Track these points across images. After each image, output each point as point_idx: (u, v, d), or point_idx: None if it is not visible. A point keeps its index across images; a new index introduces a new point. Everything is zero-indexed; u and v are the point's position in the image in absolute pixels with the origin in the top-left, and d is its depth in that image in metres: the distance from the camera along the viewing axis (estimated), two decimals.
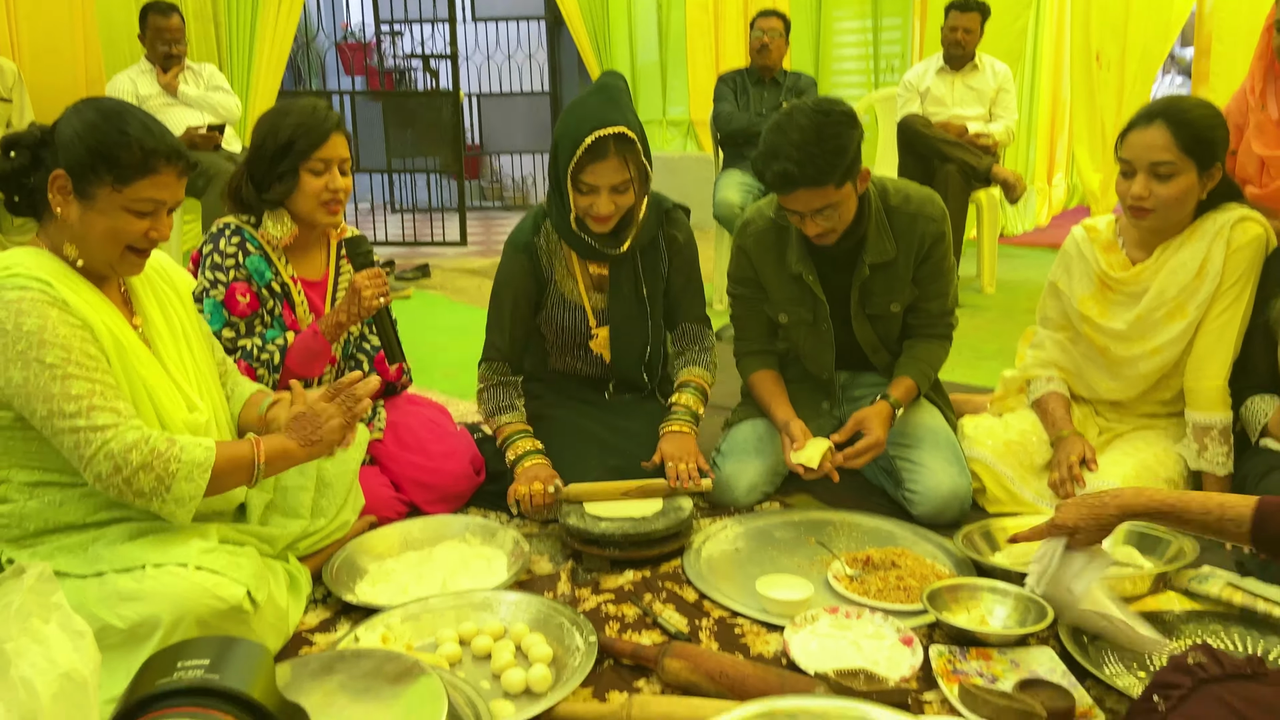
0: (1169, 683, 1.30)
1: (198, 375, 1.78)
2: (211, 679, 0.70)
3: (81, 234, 1.59)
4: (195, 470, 1.58)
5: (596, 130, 2.03)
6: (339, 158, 2.14)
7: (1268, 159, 2.49)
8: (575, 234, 2.21)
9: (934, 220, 2.23)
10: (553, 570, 2.05)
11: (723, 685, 1.55)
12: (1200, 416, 2.18)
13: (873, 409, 2.21)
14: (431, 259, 6.05)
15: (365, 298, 2.08)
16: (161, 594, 1.53)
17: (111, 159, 1.55)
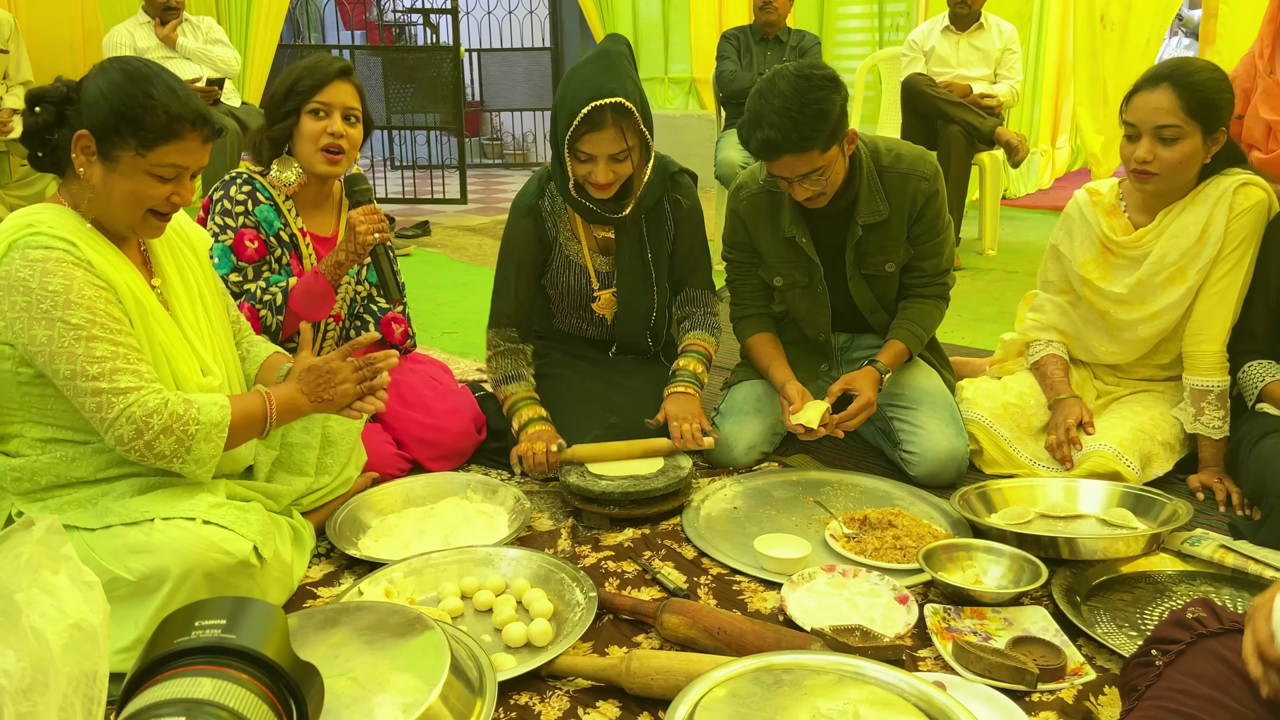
0: (1167, 638, 1.31)
1: (213, 338, 1.79)
2: (228, 638, 0.72)
3: (103, 195, 1.58)
4: (213, 430, 1.60)
5: (593, 100, 2.01)
6: (343, 105, 2.14)
7: (1274, 124, 2.48)
8: (577, 199, 2.20)
9: (926, 179, 2.22)
10: (553, 527, 2.07)
11: (720, 641, 1.58)
12: (1198, 381, 2.19)
13: (861, 372, 2.23)
14: (431, 217, 6.03)
15: (360, 233, 2.08)
16: (169, 547, 1.54)
17: (136, 122, 1.54)
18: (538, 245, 2.30)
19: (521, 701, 1.49)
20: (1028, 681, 1.47)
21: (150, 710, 0.68)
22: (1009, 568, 1.80)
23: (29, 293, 1.51)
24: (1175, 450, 2.22)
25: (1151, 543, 1.81)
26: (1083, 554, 1.78)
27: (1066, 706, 1.45)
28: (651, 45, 8.09)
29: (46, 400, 1.60)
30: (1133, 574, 1.82)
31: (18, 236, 1.53)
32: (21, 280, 1.51)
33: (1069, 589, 1.74)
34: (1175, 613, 1.32)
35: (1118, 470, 2.10)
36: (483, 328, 3.63)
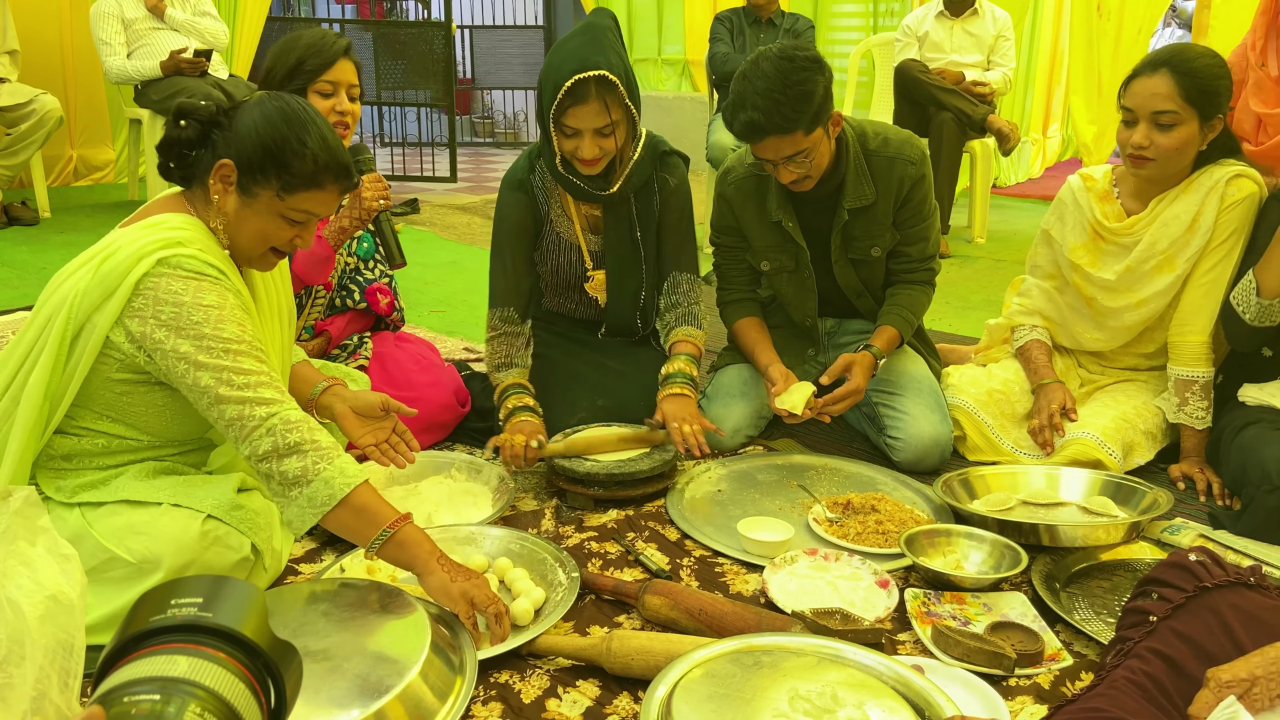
0: (1167, 581, 1.28)
1: (282, 358, 1.78)
2: (204, 617, 0.71)
3: (233, 225, 1.57)
4: (338, 480, 1.49)
5: (576, 73, 1.99)
6: (347, 82, 2.16)
7: (1265, 117, 2.47)
8: (565, 175, 2.18)
9: (913, 163, 2.21)
10: (537, 507, 2.07)
11: (701, 622, 1.59)
12: (1182, 371, 2.20)
13: (858, 356, 2.21)
14: (421, 194, 6.00)
15: (366, 199, 2.09)
16: (170, 535, 1.53)
17: (284, 165, 1.52)
18: (530, 219, 2.27)
19: (502, 680, 1.49)
20: (1005, 666, 1.48)
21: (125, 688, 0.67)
22: (990, 553, 1.81)
23: (179, 305, 1.49)
24: (1157, 440, 2.24)
25: (1131, 531, 1.81)
26: (1063, 541, 1.79)
27: (1043, 691, 1.46)
28: (645, 26, 8.04)
29: (124, 398, 1.58)
30: (1112, 561, 1.84)
31: (168, 253, 1.50)
32: (173, 294, 1.49)
33: (1048, 575, 1.75)
34: (1178, 553, 1.29)
35: (1099, 458, 2.11)
36: (471, 306, 3.66)
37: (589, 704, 1.44)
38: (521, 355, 2.28)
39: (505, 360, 2.26)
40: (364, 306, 2.35)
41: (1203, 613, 1.20)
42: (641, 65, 8.19)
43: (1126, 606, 1.30)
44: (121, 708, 0.63)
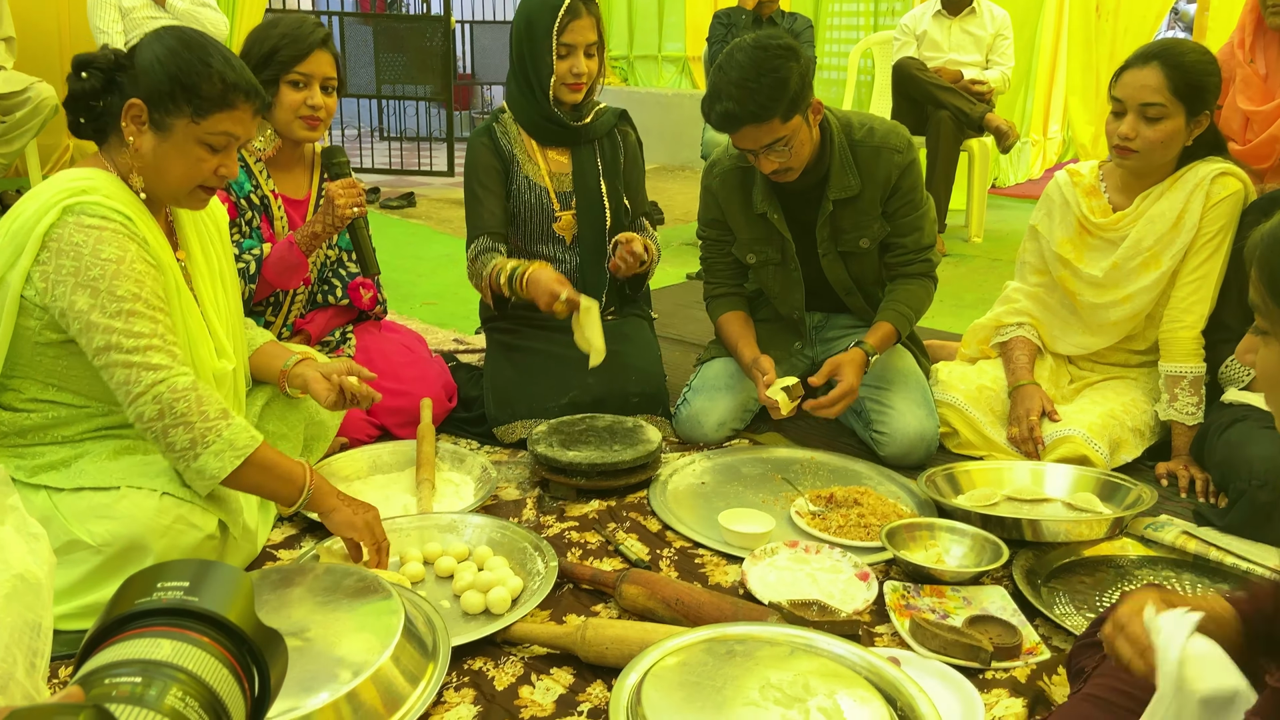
0: None
1: (229, 319, 1.76)
2: (190, 601, 0.70)
3: (153, 166, 1.56)
4: (228, 451, 1.53)
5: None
6: (322, 75, 2.12)
7: (1252, 114, 2.47)
8: (543, 119, 2.38)
9: (899, 151, 2.21)
10: (520, 497, 2.06)
11: (678, 612, 1.58)
12: (1173, 367, 2.19)
13: (847, 355, 2.18)
14: (418, 188, 5.99)
15: (339, 206, 2.06)
16: (134, 516, 1.53)
17: (192, 89, 1.52)
18: (495, 157, 2.42)
19: (476, 666, 1.48)
20: (982, 659, 1.48)
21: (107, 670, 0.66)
22: (971, 548, 1.80)
23: (79, 258, 1.48)
24: (1145, 437, 2.23)
25: (1114, 527, 1.81)
26: (1045, 536, 1.79)
27: (1019, 685, 1.45)
28: (646, 23, 8.04)
29: (59, 362, 1.57)
30: (1095, 558, 1.83)
31: (72, 201, 1.49)
32: (74, 245, 1.48)
33: (1030, 570, 1.75)
34: (1125, 595, 1.32)
35: (1086, 455, 2.10)
36: (462, 300, 3.66)
37: (562, 691, 1.44)
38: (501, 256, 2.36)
39: (490, 263, 2.34)
40: (346, 302, 2.33)
41: None
42: (642, 62, 8.19)
43: (1078, 644, 1.30)
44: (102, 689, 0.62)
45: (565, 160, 2.45)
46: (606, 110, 2.49)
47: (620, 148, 2.51)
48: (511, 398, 2.33)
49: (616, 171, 2.49)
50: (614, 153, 2.50)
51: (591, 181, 2.45)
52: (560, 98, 2.36)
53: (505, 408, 2.32)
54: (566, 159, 2.45)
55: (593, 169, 2.46)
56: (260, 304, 2.20)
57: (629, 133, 2.54)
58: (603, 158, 2.48)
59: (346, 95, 7.06)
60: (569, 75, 2.31)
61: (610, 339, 2.40)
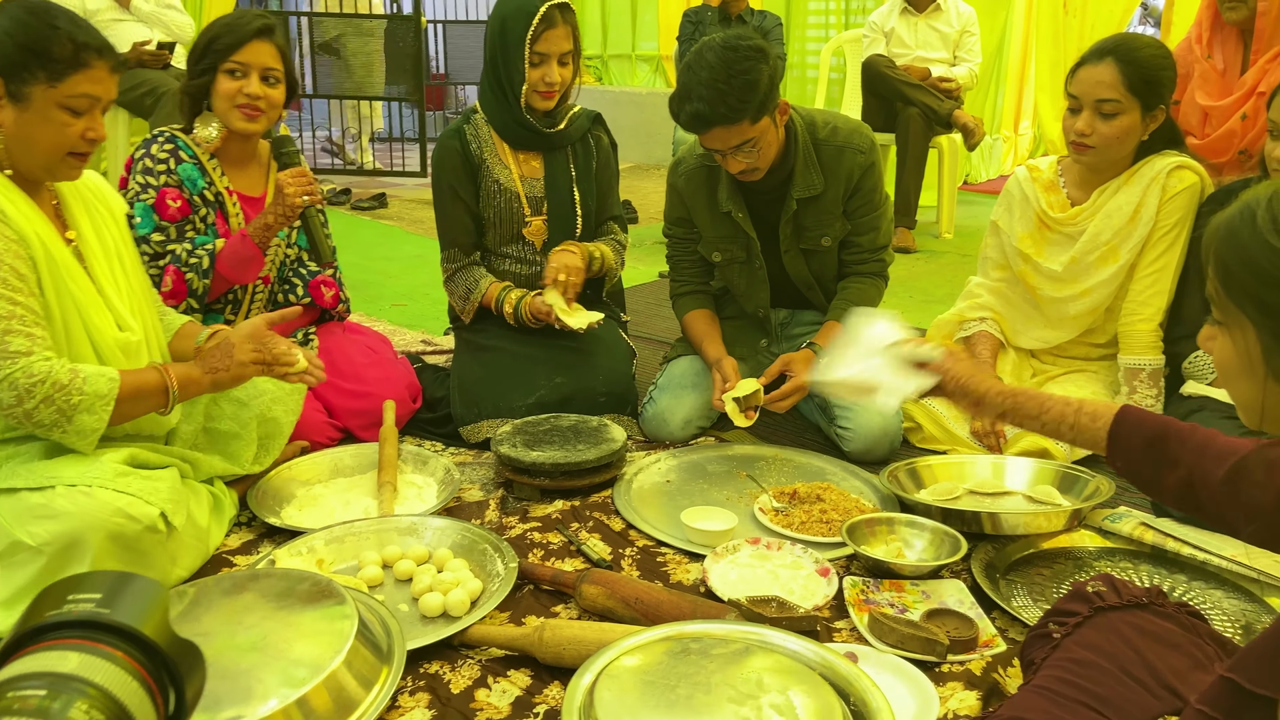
0: (1067, 610, 1.33)
1: (130, 293, 1.75)
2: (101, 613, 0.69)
3: (17, 138, 1.55)
4: (98, 402, 1.54)
5: (548, 1, 2.23)
6: (261, 65, 2.10)
7: (1210, 109, 2.49)
8: (516, 123, 2.34)
9: (862, 151, 2.22)
10: (483, 498, 2.05)
11: (637, 611, 1.57)
12: (1131, 360, 2.21)
13: (799, 354, 2.22)
14: (390, 189, 5.96)
15: (289, 195, 2.05)
16: (72, 513, 1.51)
17: (44, 54, 1.51)
18: (464, 164, 2.40)
19: (432, 670, 1.48)
20: (938, 653, 1.48)
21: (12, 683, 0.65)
22: (931, 541, 1.81)
23: None
24: None
25: (1073, 519, 1.82)
26: (1005, 529, 1.80)
27: (975, 678, 1.45)
28: (620, 22, 8.03)
29: None
30: (1054, 550, 1.84)
31: None
32: None
33: (989, 564, 1.75)
34: (1077, 586, 1.33)
35: (1047, 448, 2.12)
36: (433, 300, 3.64)
37: (519, 694, 1.43)
38: (483, 274, 2.42)
39: (472, 285, 2.40)
40: (308, 301, 2.31)
41: (1104, 631, 1.22)
42: (616, 61, 8.18)
43: (1030, 636, 1.32)
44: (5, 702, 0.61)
45: (538, 164, 2.43)
46: (580, 114, 2.47)
47: (593, 152, 2.48)
48: (478, 397, 2.32)
49: (589, 177, 2.47)
50: (587, 158, 2.47)
51: (564, 188, 2.43)
52: (532, 104, 2.33)
53: (471, 407, 2.31)
54: (539, 163, 2.43)
55: (565, 175, 2.44)
56: (219, 302, 2.18)
57: (602, 137, 2.52)
58: (576, 163, 2.45)
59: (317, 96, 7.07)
60: (541, 84, 2.29)
61: (578, 338, 2.41)
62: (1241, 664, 0.93)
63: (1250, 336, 0.93)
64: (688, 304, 2.43)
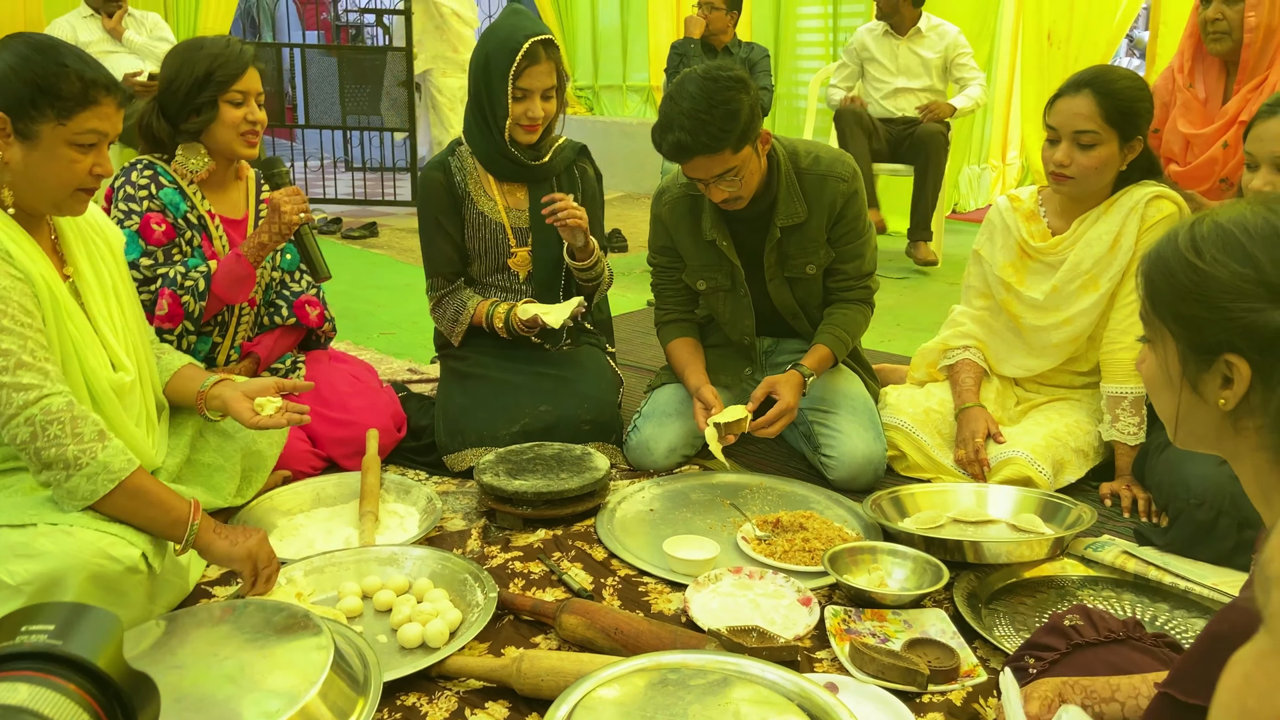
0: (1043, 644, 1.33)
1: (126, 332, 1.74)
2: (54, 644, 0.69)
3: (25, 175, 1.54)
4: (101, 473, 1.51)
5: (531, 37, 2.24)
6: (255, 90, 2.15)
7: (1191, 137, 2.51)
8: (500, 155, 2.36)
9: (844, 180, 2.24)
10: (465, 527, 2.05)
11: (617, 641, 1.57)
12: (1113, 388, 2.21)
13: (784, 376, 2.22)
14: (381, 218, 5.98)
15: (286, 213, 2.07)
16: (53, 552, 1.49)
17: (53, 91, 1.51)
18: (448, 196, 2.41)
19: (409, 702, 1.46)
20: (918, 683, 1.47)
21: None
22: (913, 570, 1.80)
23: None
24: (1089, 458, 2.24)
25: (1055, 547, 1.82)
26: (987, 558, 1.79)
27: (954, 708, 1.45)
28: (610, 52, 8.09)
29: None
30: (1037, 579, 1.84)
31: None
32: None
33: (971, 593, 1.75)
34: (1054, 618, 1.33)
35: (1030, 476, 2.12)
36: (420, 329, 3.65)
37: None
38: (469, 295, 2.44)
39: (459, 308, 2.42)
40: (293, 321, 2.32)
41: (1077, 667, 1.22)
42: (607, 92, 8.24)
43: (1007, 666, 1.32)
44: None
45: (522, 196, 2.44)
46: (565, 146, 2.48)
47: (578, 184, 2.49)
48: (462, 425, 2.32)
49: None
50: (572, 189, 2.47)
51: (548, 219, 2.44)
52: (515, 137, 2.35)
53: (456, 436, 2.31)
54: (524, 194, 2.44)
55: None
56: (208, 324, 2.19)
57: (588, 168, 2.53)
58: (561, 190, 2.45)
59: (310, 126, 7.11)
60: (524, 117, 2.30)
61: (563, 366, 2.42)
62: (1175, 678, 0.96)
63: (1171, 349, 0.99)
64: (672, 332, 2.43)
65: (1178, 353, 0.99)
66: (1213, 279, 0.94)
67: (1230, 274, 0.93)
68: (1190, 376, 0.98)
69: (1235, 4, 2.46)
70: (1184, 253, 0.97)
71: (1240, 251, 0.93)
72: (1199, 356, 0.96)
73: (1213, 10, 2.48)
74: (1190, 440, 1.02)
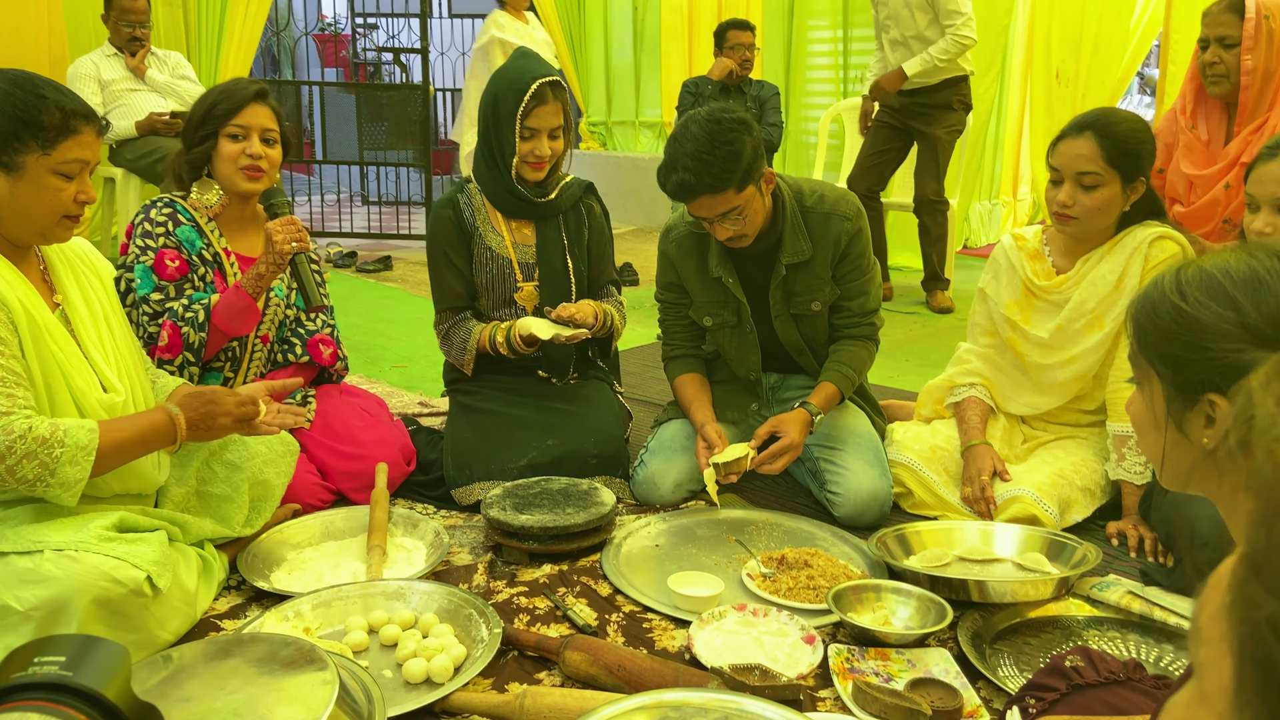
0: (1044, 685, 1.33)
1: (117, 357, 1.78)
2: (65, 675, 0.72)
3: (12, 206, 1.59)
4: (80, 453, 1.56)
5: (540, 79, 2.32)
6: (260, 126, 2.19)
7: (1195, 178, 2.53)
8: (507, 192, 2.41)
9: (848, 219, 2.27)
10: (471, 561, 2.06)
11: (620, 678, 1.57)
12: (1119, 427, 2.21)
13: (790, 415, 2.24)
14: (395, 251, 6.05)
15: (278, 243, 2.09)
16: (59, 577, 1.52)
17: (35, 124, 1.57)
18: (457, 232, 2.46)
19: None
20: None
21: None
22: (917, 609, 1.80)
23: None
24: (1096, 497, 2.24)
25: (1060, 587, 1.81)
26: (992, 597, 1.79)
27: None
28: (623, 89, 8.19)
29: None
30: (1042, 618, 1.83)
31: None
32: None
33: (975, 633, 1.75)
34: (1055, 659, 1.33)
35: (1036, 514, 2.12)
36: (432, 362, 3.67)
37: None
38: (474, 323, 2.47)
39: (465, 335, 2.45)
40: (306, 360, 2.35)
41: (1076, 710, 1.23)
42: (620, 128, 8.33)
43: (1006, 710, 1.32)
44: None
45: (529, 232, 2.50)
46: (572, 183, 2.53)
47: (585, 221, 2.55)
48: (470, 460, 2.34)
49: (581, 244, 2.54)
50: (579, 225, 2.53)
51: (555, 255, 2.49)
52: (522, 175, 2.41)
53: (464, 470, 2.33)
54: (531, 230, 2.49)
55: (557, 243, 2.50)
56: (218, 360, 2.22)
57: (594, 205, 2.58)
58: (567, 231, 2.52)
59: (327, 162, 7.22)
60: (531, 156, 2.36)
61: (570, 401, 2.45)
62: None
63: (1156, 389, 1.03)
64: (678, 368, 2.46)
65: (1163, 392, 1.02)
66: (1196, 320, 0.98)
67: (1212, 315, 0.97)
68: (1175, 415, 1.01)
69: (1232, 48, 2.49)
70: (1169, 295, 1.01)
71: (1223, 295, 0.97)
72: (1183, 396, 1.00)
73: (1210, 54, 2.52)
74: (1174, 480, 1.04)
